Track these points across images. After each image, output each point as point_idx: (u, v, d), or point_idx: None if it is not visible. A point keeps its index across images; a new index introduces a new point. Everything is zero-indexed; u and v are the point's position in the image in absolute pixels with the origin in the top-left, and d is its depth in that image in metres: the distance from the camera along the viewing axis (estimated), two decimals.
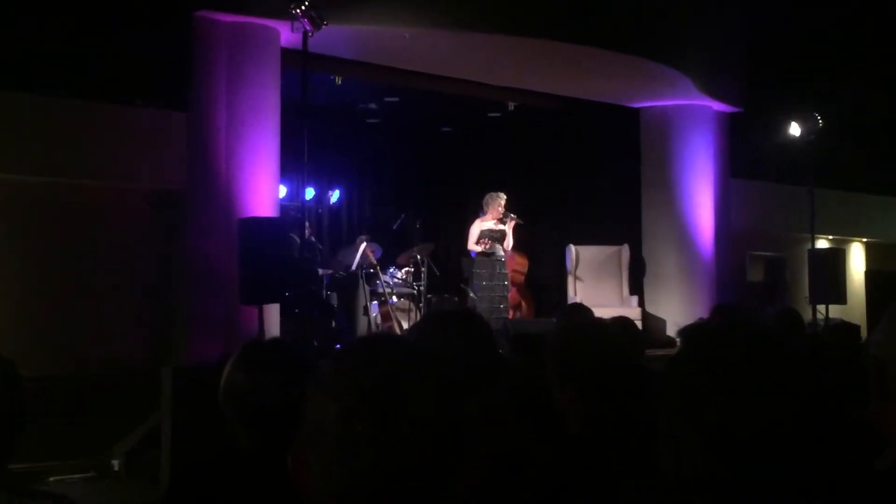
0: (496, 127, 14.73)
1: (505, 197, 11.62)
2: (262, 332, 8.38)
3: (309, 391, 1.42)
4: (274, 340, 2.75)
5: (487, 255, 11.50)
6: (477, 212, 11.90)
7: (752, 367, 1.51)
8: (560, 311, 6.35)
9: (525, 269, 14.08)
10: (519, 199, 13.12)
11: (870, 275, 15.35)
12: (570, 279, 13.47)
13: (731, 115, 14.08)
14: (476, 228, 11.59)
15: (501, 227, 11.61)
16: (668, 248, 13.45)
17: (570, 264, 13.53)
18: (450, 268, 14.23)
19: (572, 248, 13.57)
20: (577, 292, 13.23)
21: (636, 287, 13.59)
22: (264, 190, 9.53)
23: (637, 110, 13.79)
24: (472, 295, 11.62)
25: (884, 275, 14.89)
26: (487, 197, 11.64)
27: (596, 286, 13.34)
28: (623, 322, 4.44)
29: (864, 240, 19.26)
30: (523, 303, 13.78)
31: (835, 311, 12.57)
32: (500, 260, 11.56)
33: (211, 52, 9.44)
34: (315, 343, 9.23)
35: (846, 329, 5.22)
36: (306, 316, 9.41)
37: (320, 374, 1.42)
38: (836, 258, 12.89)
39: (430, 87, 12.27)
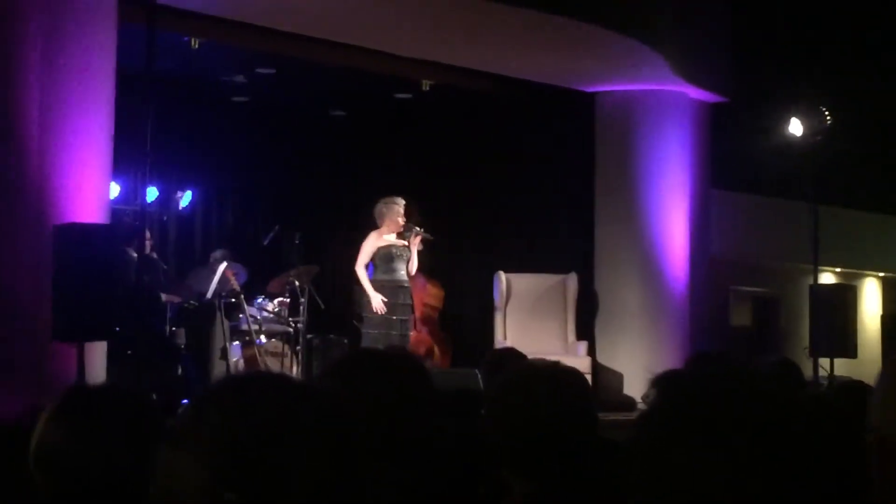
0: (405, 112, 14.77)
1: (403, 203, 11.66)
2: (81, 381, 8.25)
3: (163, 450, 1.41)
4: (106, 386, 2.73)
5: (386, 279, 11.50)
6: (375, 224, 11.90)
7: (758, 429, 1.53)
8: (485, 361, 6.39)
9: (440, 304, 14.11)
10: (433, 209, 13.14)
11: (887, 319, 15.74)
12: (499, 318, 13.54)
13: (714, 106, 14.32)
14: (371, 244, 11.58)
15: (403, 242, 11.64)
16: (629, 280, 13.61)
17: (498, 298, 13.61)
18: (338, 299, 14.20)
19: (502, 276, 13.65)
20: (507, 335, 13.31)
21: (585, 330, 13.71)
22: (90, 187, 9.40)
23: (591, 96, 13.95)
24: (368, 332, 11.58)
25: None
26: (381, 206, 11.65)
27: (532, 327, 13.42)
28: (573, 377, 4.48)
29: (881, 274, 19.69)
30: (436, 348, 13.81)
31: (842, 365, 12.84)
32: (403, 286, 11.58)
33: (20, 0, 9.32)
34: (154, 396, 9.11)
35: (854, 390, 5.33)
36: (142, 359, 9.30)
37: (179, 425, 1.42)
38: (845, 298, 13.18)
39: (318, 56, 12.23)
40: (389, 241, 11.56)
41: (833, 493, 1.56)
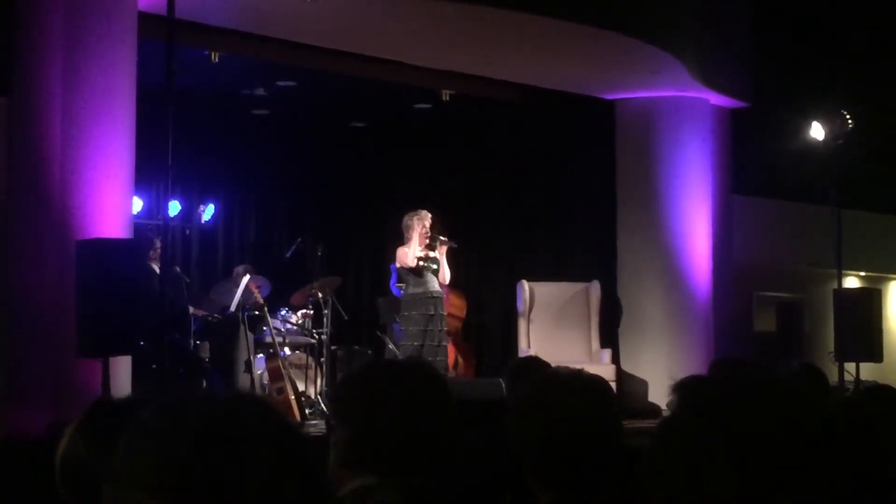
0: (425, 123, 14.78)
1: (430, 216, 11.63)
2: (106, 394, 8.27)
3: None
4: (131, 400, 2.74)
5: (418, 291, 11.47)
6: (399, 235, 11.88)
7: (782, 434, 1.51)
8: (508, 370, 6.38)
9: (463, 314, 14.11)
10: (454, 218, 13.15)
11: None
12: (522, 327, 13.52)
13: (735, 111, 14.30)
14: (411, 253, 11.50)
15: (433, 254, 11.62)
16: (652, 287, 13.59)
17: (521, 307, 13.59)
18: (362, 310, 14.22)
19: (525, 284, 13.64)
20: (531, 344, 13.29)
21: (609, 338, 13.69)
22: (113, 202, 9.44)
23: (612, 103, 13.94)
24: (390, 346, 11.59)
25: None
26: (406, 219, 11.62)
27: (556, 336, 13.40)
28: (597, 385, 4.47)
29: None
30: (460, 358, 13.80)
31: (867, 370, 12.78)
32: (437, 297, 11.56)
33: (43, 16, 9.37)
34: None
35: (886, 396, 5.29)
36: (167, 373, 9.32)
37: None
38: (870, 302, 13.12)
39: (338, 68, 12.26)
40: (418, 254, 11.51)
41: (855, 496, 1.55)
